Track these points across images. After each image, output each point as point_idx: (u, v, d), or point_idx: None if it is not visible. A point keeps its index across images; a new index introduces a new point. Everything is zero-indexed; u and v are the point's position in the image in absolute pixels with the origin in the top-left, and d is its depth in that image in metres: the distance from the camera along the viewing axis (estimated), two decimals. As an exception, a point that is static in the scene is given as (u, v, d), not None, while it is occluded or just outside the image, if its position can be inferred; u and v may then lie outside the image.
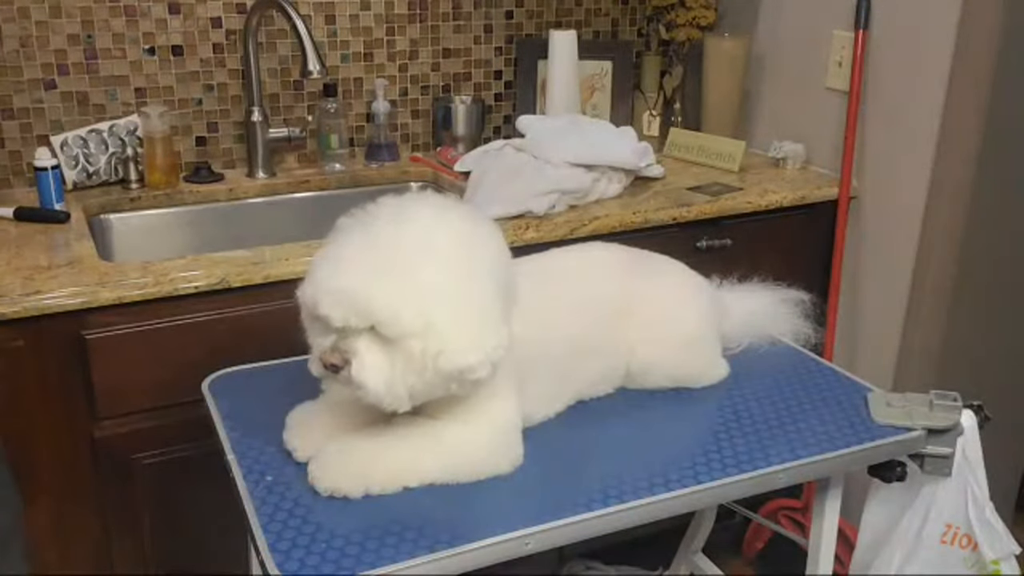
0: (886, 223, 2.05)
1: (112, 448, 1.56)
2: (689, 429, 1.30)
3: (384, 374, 1.06)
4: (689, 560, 1.83)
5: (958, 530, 1.42)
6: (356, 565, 1.01)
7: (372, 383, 1.06)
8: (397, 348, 1.05)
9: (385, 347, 1.06)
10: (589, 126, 2.03)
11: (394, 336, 1.05)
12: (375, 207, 1.13)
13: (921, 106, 1.93)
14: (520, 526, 1.07)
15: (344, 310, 1.04)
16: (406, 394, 1.08)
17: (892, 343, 2.07)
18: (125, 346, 1.52)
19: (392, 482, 1.13)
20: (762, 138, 2.31)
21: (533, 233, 1.77)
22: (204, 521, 1.64)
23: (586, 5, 2.39)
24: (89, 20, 1.92)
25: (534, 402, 1.25)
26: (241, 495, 1.13)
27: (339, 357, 1.07)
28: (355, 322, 1.05)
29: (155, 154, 1.94)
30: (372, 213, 1.12)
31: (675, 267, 1.44)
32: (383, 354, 1.06)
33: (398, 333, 1.05)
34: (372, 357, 1.06)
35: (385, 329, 1.04)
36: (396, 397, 1.08)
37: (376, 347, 1.06)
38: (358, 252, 1.08)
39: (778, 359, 1.50)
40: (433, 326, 1.05)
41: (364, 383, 1.06)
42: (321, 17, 2.11)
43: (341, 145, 2.13)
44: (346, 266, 1.07)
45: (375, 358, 1.06)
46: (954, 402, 1.34)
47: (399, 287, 1.05)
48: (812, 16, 2.15)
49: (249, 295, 1.58)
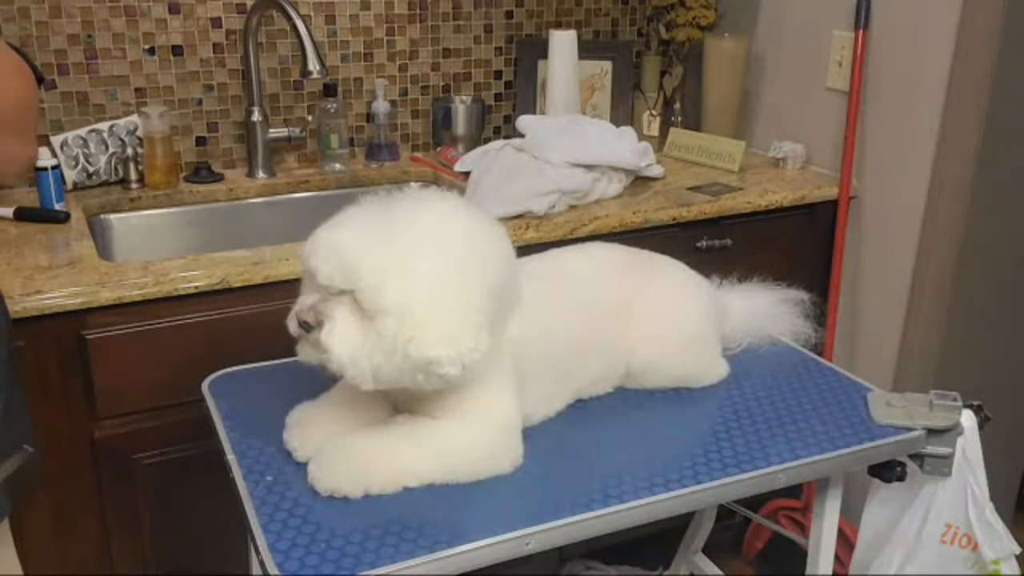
0: (886, 223, 2.05)
1: (112, 448, 1.56)
2: (689, 429, 1.30)
3: (353, 345, 1.06)
4: (689, 560, 1.83)
5: (958, 530, 1.42)
6: (356, 565, 1.01)
7: (338, 350, 1.06)
8: (372, 323, 1.05)
9: (361, 320, 1.06)
10: (589, 126, 2.03)
11: (372, 309, 1.05)
12: (399, 192, 1.14)
13: (921, 106, 1.93)
14: (520, 526, 1.07)
15: (332, 267, 1.05)
16: (370, 372, 1.07)
17: (892, 343, 2.07)
18: (125, 346, 1.52)
19: (392, 482, 1.13)
20: (762, 138, 2.31)
21: (533, 233, 1.77)
22: (204, 521, 1.64)
23: (586, 5, 2.39)
24: (89, 20, 1.92)
25: (534, 402, 1.25)
26: (241, 495, 1.13)
27: (313, 316, 1.07)
28: (339, 281, 1.05)
29: (155, 154, 1.94)
30: (395, 196, 1.14)
31: (675, 267, 1.44)
32: (357, 325, 1.06)
33: (376, 306, 1.04)
34: (345, 326, 1.06)
35: (364, 298, 1.04)
36: (360, 372, 1.07)
37: (353, 317, 1.06)
38: (367, 222, 1.09)
39: (778, 359, 1.50)
40: (412, 310, 1.05)
41: (331, 348, 1.06)
42: (321, 17, 2.11)
43: (341, 145, 2.13)
44: (348, 228, 1.08)
45: (348, 328, 1.06)
46: (954, 402, 1.34)
47: (390, 262, 1.05)
48: (812, 16, 2.15)
49: (249, 295, 1.58)
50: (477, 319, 1.08)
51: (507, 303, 1.16)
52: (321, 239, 1.08)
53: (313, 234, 1.10)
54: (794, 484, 1.28)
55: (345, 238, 1.07)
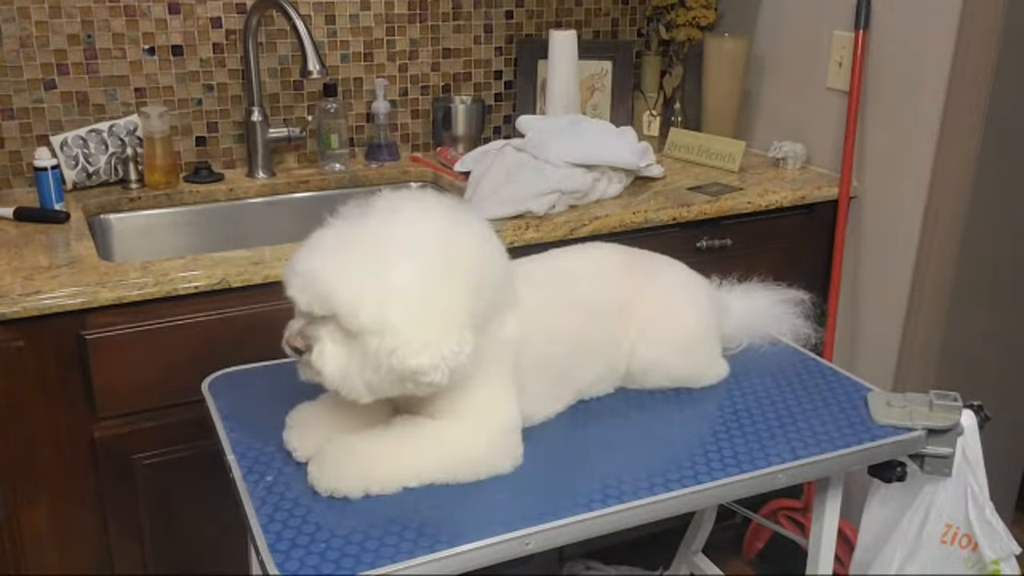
0: (886, 223, 2.05)
1: (112, 448, 1.56)
2: (689, 429, 1.30)
3: (341, 364, 1.08)
4: (689, 560, 1.83)
5: (958, 530, 1.42)
6: (356, 565, 1.01)
7: (329, 371, 1.09)
8: (356, 342, 1.07)
9: (346, 338, 1.07)
10: (589, 126, 2.03)
11: (353, 330, 1.06)
12: (374, 199, 1.14)
13: (921, 106, 1.93)
14: (520, 526, 1.07)
15: (308, 295, 1.07)
16: (363, 386, 1.09)
17: (892, 343, 2.07)
18: (125, 346, 1.52)
19: (392, 482, 1.13)
20: (762, 138, 2.31)
21: (533, 233, 1.77)
22: (204, 521, 1.64)
23: (586, 5, 2.39)
24: (89, 20, 1.92)
25: (534, 402, 1.25)
26: (241, 495, 1.13)
27: (302, 342, 1.10)
28: (317, 308, 1.07)
29: (155, 154, 1.94)
30: (369, 204, 1.14)
31: (675, 267, 1.44)
32: (343, 345, 1.08)
33: (357, 327, 1.06)
34: (332, 346, 1.08)
35: (344, 322, 1.06)
36: (352, 388, 1.09)
37: (338, 336, 1.08)
38: (338, 241, 1.10)
39: (778, 359, 1.50)
40: (390, 324, 1.05)
41: (322, 370, 1.09)
42: (321, 17, 2.11)
43: (341, 145, 2.13)
44: (320, 253, 1.09)
45: (335, 349, 1.08)
46: (954, 402, 1.34)
47: (363, 282, 1.06)
48: (812, 16, 2.15)
49: (249, 295, 1.58)
50: (458, 321, 1.09)
51: (495, 299, 1.16)
52: (296, 267, 1.09)
53: (290, 260, 1.11)
54: (794, 484, 1.28)
55: (318, 265, 1.08)
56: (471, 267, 1.12)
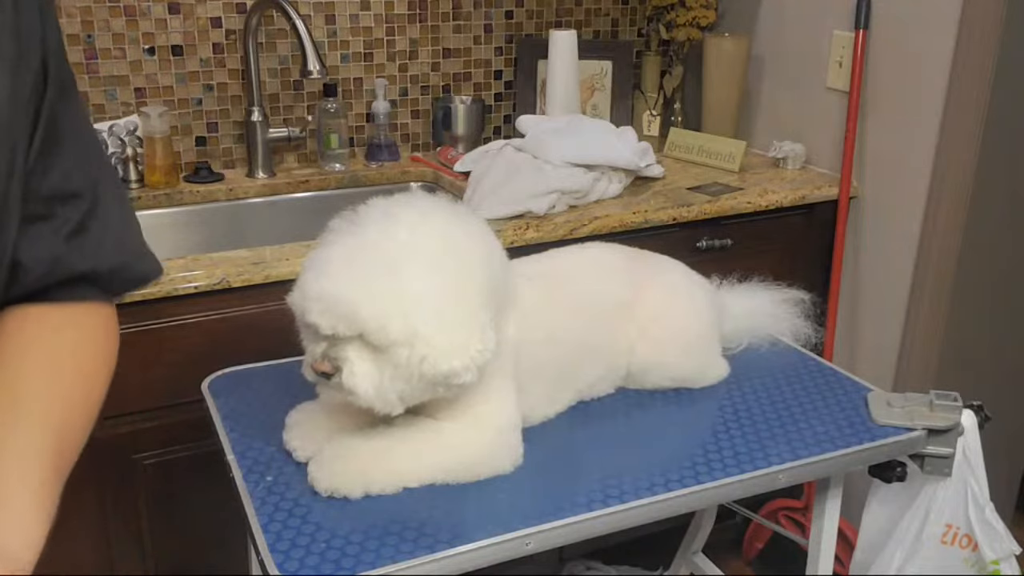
0: (886, 223, 2.05)
1: (112, 448, 1.56)
2: (689, 429, 1.30)
3: (374, 381, 1.07)
4: (689, 560, 1.83)
5: (958, 530, 1.42)
6: (356, 565, 1.01)
7: (362, 390, 1.07)
8: (385, 355, 1.06)
9: (374, 354, 1.06)
10: (589, 126, 2.03)
11: (382, 345, 1.05)
12: (364, 208, 1.12)
13: (921, 106, 1.93)
14: (520, 526, 1.07)
15: (332, 318, 1.05)
16: (396, 399, 1.09)
17: (892, 343, 2.07)
18: (125, 346, 1.50)
19: (392, 482, 1.13)
20: (762, 138, 2.31)
21: (533, 233, 1.77)
22: (204, 521, 1.64)
23: (586, 5, 2.39)
24: (89, 20, 1.92)
25: (534, 402, 1.25)
26: (241, 495, 1.13)
27: (330, 365, 1.07)
28: (343, 329, 1.05)
29: (155, 154, 1.94)
30: (361, 214, 1.12)
31: (675, 267, 1.44)
32: (372, 361, 1.06)
33: (386, 342, 1.05)
34: (362, 364, 1.06)
35: (373, 338, 1.05)
36: (387, 402, 1.08)
37: (366, 354, 1.06)
38: (344, 257, 1.07)
39: (778, 359, 1.50)
40: (418, 333, 1.05)
41: (355, 390, 1.07)
42: (321, 17, 2.11)
43: (341, 145, 2.13)
44: (333, 272, 1.06)
45: (365, 365, 1.06)
46: (954, 402, 1.34)
47: (385, 295, 1.04)
48: (812, 16, 2.15)
49: (249, 295, 1.58)
50: (479, 319, 1.09)
51: (501, 297, 1.16)
52: (311, 292, 1.06)
53: (300, 284, 1.09)
54: (794, 484, 1.28)
55: (332, 286, 1.05)
56: (481, 267, 1.12)
